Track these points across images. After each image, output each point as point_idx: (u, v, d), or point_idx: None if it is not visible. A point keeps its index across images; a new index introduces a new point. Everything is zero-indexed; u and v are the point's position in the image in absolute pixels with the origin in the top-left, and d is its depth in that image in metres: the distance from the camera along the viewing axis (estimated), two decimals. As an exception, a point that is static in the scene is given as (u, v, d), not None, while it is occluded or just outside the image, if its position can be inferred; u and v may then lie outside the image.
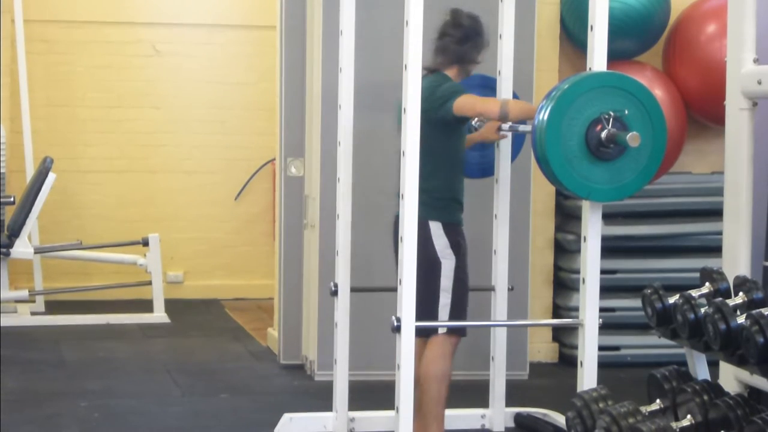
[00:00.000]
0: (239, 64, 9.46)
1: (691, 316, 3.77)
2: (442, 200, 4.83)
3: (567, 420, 3.82)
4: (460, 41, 4.96)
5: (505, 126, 5.13)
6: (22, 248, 8.05)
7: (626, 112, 4.21)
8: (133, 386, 6.35)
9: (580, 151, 4.22)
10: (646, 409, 3.75)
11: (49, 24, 9.14)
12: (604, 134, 4.19)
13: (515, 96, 5.30)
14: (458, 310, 4.82)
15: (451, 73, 4.95)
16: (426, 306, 4.77)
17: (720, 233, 4.43)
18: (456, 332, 4.87)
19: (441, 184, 4.82)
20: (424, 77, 4.89)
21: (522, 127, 5.08)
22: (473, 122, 5.21)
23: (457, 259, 4.82)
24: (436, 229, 4.81)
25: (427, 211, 4.74)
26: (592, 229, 4.39)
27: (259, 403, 5.96)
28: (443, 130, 4.76)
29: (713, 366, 4.05)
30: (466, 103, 4.79)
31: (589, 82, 4.26)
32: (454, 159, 4.88)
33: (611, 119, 4.19)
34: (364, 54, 5.39)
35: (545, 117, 4.20)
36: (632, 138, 4.15)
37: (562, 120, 4.19)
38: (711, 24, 6.73)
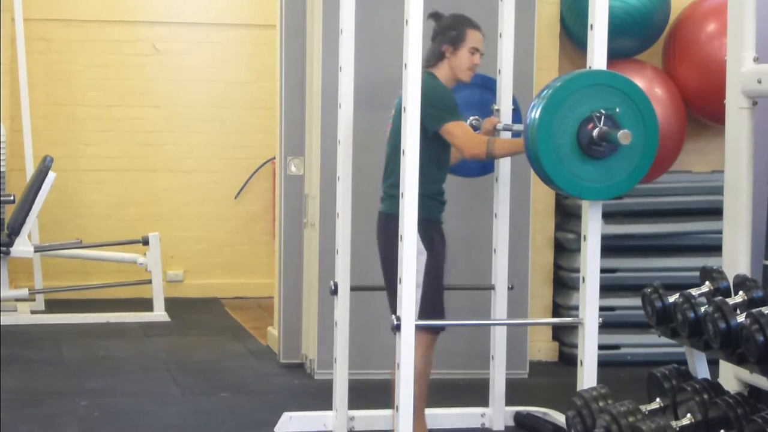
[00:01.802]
0: (239, 63, 9.46)
1: (691, 314, 3.78)
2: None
3: (567, 419, 3.82)
4: (432, 38, 4.96)
5: (500, 125, 5.15)
6: (22, 247, 8.06)
7: (617, 110, 4.20)
8: (133, 385, 6.35)
9: (572, 149, 4.21)
10: (646, 408, 3.75)
11: (49, 23, 9.14)
12: (595, 132, 4.19)
13: (515, 101, 5.28)
14: (431, 306, 4.75)
15: (437, 71, 4.95)
16: (395, 300, 4.76)
17: (720, 232, 4.42)
18: (429, 330, 4.81)
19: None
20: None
21: (516, 126, 5.09)
22: (470, 120, 5.21)
23: (429, 255, 4.77)
24: None
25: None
26: (592, 227, 4.39)
27: (258, 402, 5.96)
28: (426, 130, 4.64)
29: (713, 365, 4.05)
30: (455, 134, 4.79)
31: (580, 80, 4.26)
32: (434, 157, 4.82)
33: (603, 117, 4.19)
34: (364, 53, 5.39)
35: (536, 115, 4.20)
36: (623, 136, 4.14)
37: (553, 118, 4.18)
38: (711, 23, 6.73)
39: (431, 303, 4.79)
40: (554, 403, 5.61)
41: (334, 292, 5.15)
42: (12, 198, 8.04)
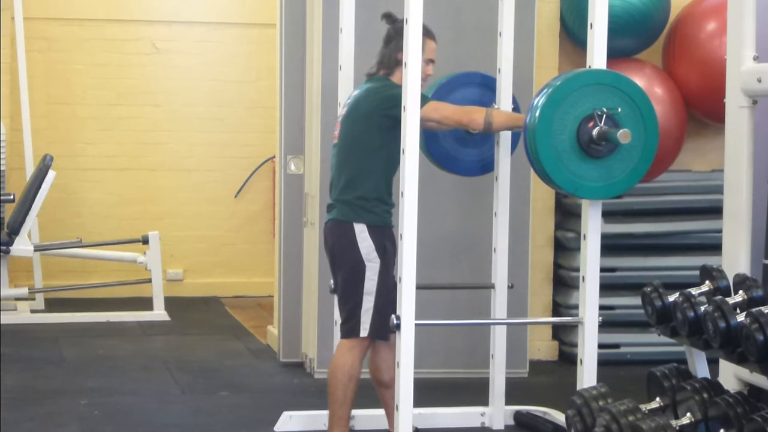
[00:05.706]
0: (239, 62, 9.47)
1: (691, 314, 3.78)
2: (367, 201, 4.71)
3: (567, 418, 3.82)
4: (385, 43, 4.79)
5: None
6: (22, 246, 8.06)
7: (619, 110, 4.21)
8: (132, 384, 6.35)
9: (571, 147, 4.22)
10: (645, 407, 3.75)
11: (49, 21, 9.15)
12: (595, 131, 4.20)
13: (514, 100, 5.27)
14: (383, 314, 4.67)
15: (395, 78, 4.74)
16: (349, 309, 4.76)
17: (720, 231, 4.43)
18: (379, 336, 4.78)
19: (367, 186, 4.70)
20: (364, 82, 4.87)
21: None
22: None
23: (382, 262, 4.71)
24: (360, 231, 4.70)
25: (351, 212, 4.72)
26: (592, 226, 4.40)
27: (258, 401, 5.96)
28: (384, 133, 4.59)
29: (713, 364, 4.05)
30: (441, 108, 4.71)
31: (582, 78, 4.27)
32: (387, 161, 4.72)
33: (603, 116, 4.19)
34: (363, 52, 5.38)
35: (537, 113, 4.20)
36: (623, 135, 4.15)
37: (554, 115, 4.19)
38: (711, 22, 6.73)
39: (382, 311, 4.69)
40: (554, 402, 5.60)
41: (334, 290, 5.14)
42: (12, 197, 8.05)
